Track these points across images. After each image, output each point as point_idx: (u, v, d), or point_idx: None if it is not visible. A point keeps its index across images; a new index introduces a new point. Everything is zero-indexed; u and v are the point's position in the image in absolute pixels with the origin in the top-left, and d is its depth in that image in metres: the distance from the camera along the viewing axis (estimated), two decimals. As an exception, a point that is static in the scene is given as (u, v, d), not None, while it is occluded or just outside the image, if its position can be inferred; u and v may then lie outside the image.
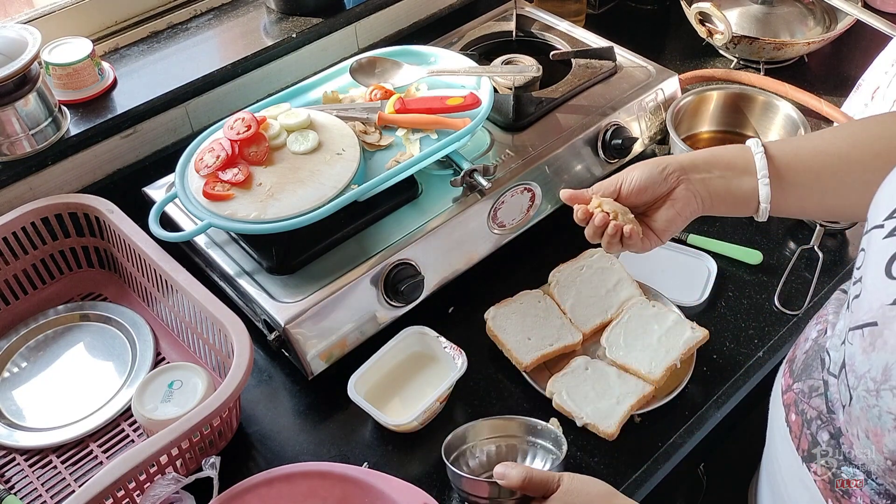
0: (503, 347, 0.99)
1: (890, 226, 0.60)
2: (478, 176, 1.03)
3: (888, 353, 0.56)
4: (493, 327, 1.01)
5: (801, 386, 0.73)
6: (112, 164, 1.17)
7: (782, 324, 1.04)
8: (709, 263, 1.11)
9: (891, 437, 0.57)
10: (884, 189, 0.65)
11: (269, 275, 0.98)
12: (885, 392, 0.56)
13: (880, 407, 0.57)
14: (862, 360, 0.59)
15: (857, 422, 0.61)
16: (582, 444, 0.92)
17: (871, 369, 0.58)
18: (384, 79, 1.14)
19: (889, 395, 0.56)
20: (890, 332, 0.56)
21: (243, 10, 1.34)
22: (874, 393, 0.58)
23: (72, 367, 1.03)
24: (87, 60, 1.14)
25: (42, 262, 1.10)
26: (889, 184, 0.64)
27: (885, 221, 0.61)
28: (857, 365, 0.60)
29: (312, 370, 0.97)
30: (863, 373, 0.59)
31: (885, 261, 0.59)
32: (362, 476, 0.85)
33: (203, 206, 0.95)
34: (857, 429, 0.62)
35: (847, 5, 1.38)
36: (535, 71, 1.17)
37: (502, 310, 1.02)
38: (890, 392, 0.56)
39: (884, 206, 0.63)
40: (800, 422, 0.72)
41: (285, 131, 1.01)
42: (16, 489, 0.91)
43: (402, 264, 0.99)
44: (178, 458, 0.86)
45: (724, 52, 1.45)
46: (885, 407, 0.56)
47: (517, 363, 0.98)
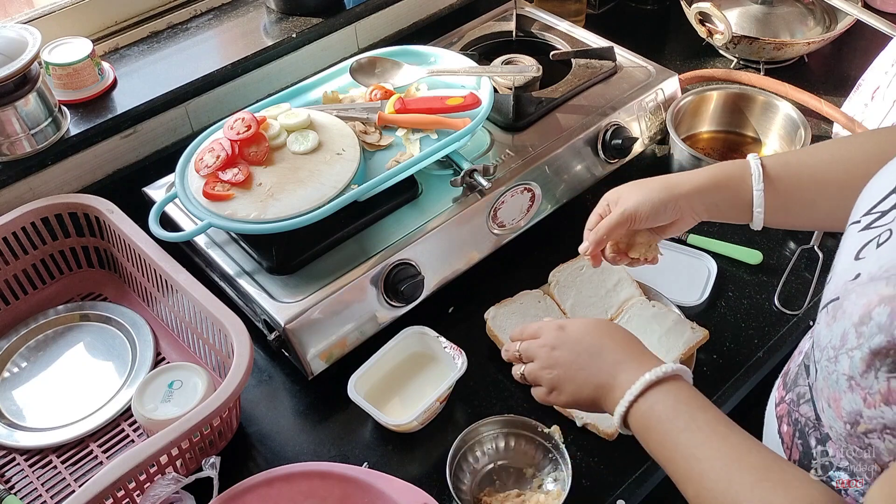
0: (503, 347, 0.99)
1: (866, 221, 0.64)
2: (478, 176, 1.03)
3: (845, 320, 0.59)
4: (493, 327, 1.01)
5: (792, 395, 0.75)
6: (112, 164, 1.17)
7: (782, 324, 1.04)
8: (709, 263, 1.11)
9: (846, 398, 0.60)
10: (863, 193, 0.68)
11: (269, 275, 0.98)
12: (842, 356, 0.59)
13: (837, 371, 0.60)
14: (825, 333, 0.62)
15: (821, 393, 0.65)
16: (582, 444, 0.92)
17: (831, 339, 0.61)
18: (384, 79, 1.14)
19: (845, 358, 0.59)
20: (848, 301, 0.59)
21: (243, 10, 1.34)
22: (833, 360, 0.61)
23: (72, 367, 1.03)
24: (87, 60, 1.14)
25: (42, 262, 1.10)
26: (868, 189, 0.67)
27: (862, 217, 0.65)
28: (821, 339, 0.63)
29: (312, 370, 0.97)
30: (825, 344, 0.62)
31: (857, 249, 0.63)
32: (362, 476, 0.85)
33: (203, 206, 0.95)
34: (822, 401, 0.65)
35: (847, 5, 1.38)
36: (535, 71, 1.17)
37: (502, 310, 1.02)
38: (846, 354, 0.59)
39: (862, 205, 0.66)
40: (791, 432, 0.73)
41: (285, 131, 1.01)
42: (16, 489, 0.91)
43: (402, 264, 0.99)
44: (178, 458, 0.86)
45: (724, 52, 1.45)
46: (841, 370, 0.60)
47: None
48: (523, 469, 0.91)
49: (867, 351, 0.56)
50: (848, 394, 0.60)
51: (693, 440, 0.68)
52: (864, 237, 0.63)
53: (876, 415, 0.58)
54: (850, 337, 0.58)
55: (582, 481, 0.88)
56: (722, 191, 0.85)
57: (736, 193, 0.84)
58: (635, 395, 0.72)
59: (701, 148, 1.29)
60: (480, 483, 0.90)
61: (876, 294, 0.56)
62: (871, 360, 0.56)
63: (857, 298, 0.58)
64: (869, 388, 0.57)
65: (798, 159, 0.85)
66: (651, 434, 0.72)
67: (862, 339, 0.57)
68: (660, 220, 0.87)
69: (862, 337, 0.57)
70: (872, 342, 0.55)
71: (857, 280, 0.60)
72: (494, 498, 0.87)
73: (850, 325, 0.58)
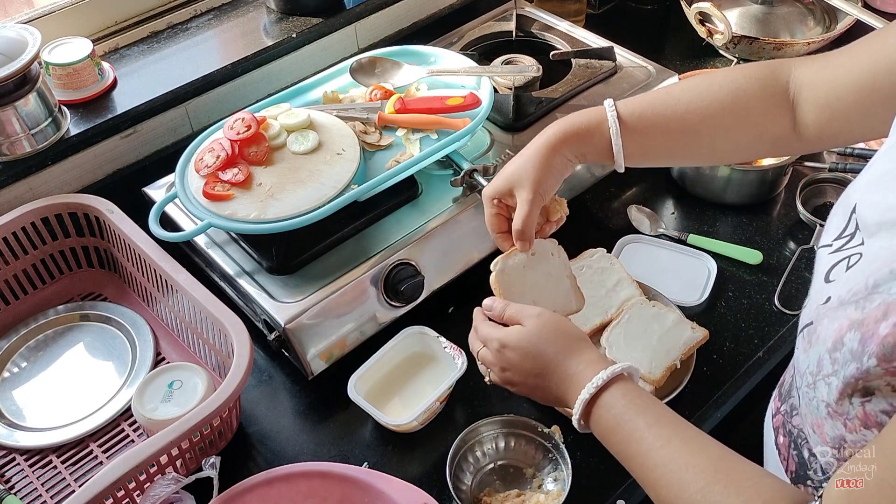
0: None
1: (836, 245, 0.64)
2: (478, 176, 1.03)
3: (820, 346, 0.59)
4: (498, 282, 0.87)
5: (786, 406, 0.75)
6: (112, 164, 1.17)
7: (782, 324, 1.04)
8: (709, 263, 1.11)
9: (828, 424, 0.60)
10: (832, 217, 0.68)
11: (269, 275, 0.98)
12: (819, 383, 0.60)
13: (817, 398, 0.61)
14: (803, 359, 0.63)
15: (805, 419, 0.65)
16: (582, 444, 0.92)
17: (809, 365, 0.61)
18: (384, 79, 1.14)
19: (823, 385, 0.59)
20: (821, 326, 0.60)
21: (243, 10, 1.34)
22: (812, 386, 0.61)
23: (72, 367, 1.03)
24: (87, 60, 1.14)
25: (42, 262, 1.10)
26: (835, 213, 0.68)
27: (833, 241, 0.65)
28: (800, 364, 0.64)
29: (312, 370, 0.97)
30: (804, 370, 0.63)
31: (826, 270, 0.63)
32: (362, 476, 0.85)
33: (203, 206, 0.95)
34: (807, 425, 0.65)
35: (847, 5, 1.38)
36: (535, 71, 1.17)
37: (512, 262, 0.89)
38: (823, 381, 0.59)
39: (832, 231, 0.67)
40: (786, 443, 0.73)
41: (285, 131, 1.01)
42: (16, 489, 0.91)
43: (402, 264, 0.99)
44: (178, 458, 0.86)
45: (724, 52, 1.45)
46: (820, 396, 0.60)
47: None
48: (523, 469, 0.91)
49: (841, 379, 0.56)
50: (829, 420, 0.60)
51: (641, 449, 0.67)
52: (833, 259, 0.63)
53: (858, 438, 0.58)
54: (825, 363, 0.59)
55: (582, 481, 0.88)
56: (586, 141, 0.86)
57: (599, 143, 0.85)
58: (579, 414, 0.73)
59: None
60: (480, 483, 0.90)
61: (846, 318, 0.56)
62: (844, 388, 0.56)
63: (829, 323, 0.59)
64: (846, 413, 0.57)
65: (653, 110, 0.85)
66: (608, 443, 0.72)
67: (837, 366, 0.57)
68: (556, 183, 0.87)
69: (836, 363, 0.57)
70: (847, 370, 0.56)
71: (828, 304, 0.60)
72: (494, 498, 0.87)
73: (825, 350, 0.58)
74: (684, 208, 1.20)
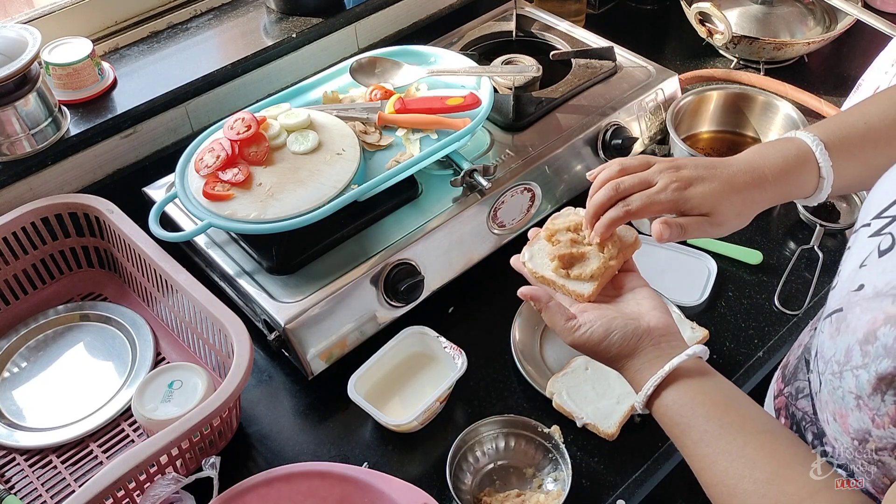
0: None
1: (877, 225, 0.62)
2: (478, 176, 1.03)
3: (849, 335, 0.58)
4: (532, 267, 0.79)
5: (790, 389, 0.74)
6: (112, 164, 1.17)
7: (782, 324, 1.04)
8: (709, 263, 1.11)
9: (854, 416, 0.58)
10: (876, 190, 0.66)
11: (269, 275, 0.98)
12: (847, 373, 0.58)
13: (843, 388, 0.59)
14: (829, 346, 0.61)
15: (826, 406, 0.63)
16: (582, 444, 0.92)
17: (836, 353, 0.59)
18: (384, 79, 1.14)
19: (850, 376, 0.57)
20: (852, 315, 0.58)
21: (243, 10, 1.34)
22: (838, 375, 0.59)
23: (72, 367, 1.03)
24: (87, 60, 1.14)
25: (42, 262, 1.10)
26: (880, 186, 0.65)
27: (872, 220, 0.63)
28: (825, 350, 0.62)
29: (312, 370, 0.97)
30: (829, 357, 0.61)
31: (864, 256, 0.61)
32: (362, 476, 0.85)
33: (203, 206, 0.95)
34: (827, 413, 0.63)
35: (847, 5, 1.38)
36: (535, 71, 1.17)
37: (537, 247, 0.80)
38: (851, 372, 0.57)
39: (874, 206, 0.64)
40: (788, 425, 0.73)
41: (285, 131, 1.01)
42: (16, 489, 0.91)
43: (402, 264, 0.99)
44: (178, 458, 0.86)
45: (724, 52, 1.45)
46: (847, 387, 0.58)
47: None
48: (523, 469, 0.91)
49: (874, 374, 0.54)
50: (855, 412, 0.58)
51: (704, 451, 0.65)
52: (871, 244, 0.61)
53: (885, 435, 0.56)
54: (854, 354, 0.57)
55: (582, 481, 0.88)
56: (790, 178, 0.76)
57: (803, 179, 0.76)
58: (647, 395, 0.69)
59: (701, 148, 1.29)
60: (480, 483, 0.90)
61: (882, 312, 0.54)
62: (878, 384, 0.54)
63: (861, 313, 0.57)
64: (877, 409, 0.56)
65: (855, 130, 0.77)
66: (669, 432, 0.69)
67: (868, 359, 0.55)
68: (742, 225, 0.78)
69: (868, 356, 0.55)
70: (880, 366, 0.54)
71: (861, 292, 0.58)
72: (494, 498, 0.88)
73: (855, 341, 0.57)
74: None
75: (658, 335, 0.71)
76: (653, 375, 0.68)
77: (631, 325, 0.71)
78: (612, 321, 0.71)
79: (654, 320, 0.71)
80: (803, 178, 0.76)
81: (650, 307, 0.73)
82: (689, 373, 0.68)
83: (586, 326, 0.72)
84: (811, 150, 0.75)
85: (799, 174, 0.75)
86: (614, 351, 0.71)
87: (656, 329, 0.71)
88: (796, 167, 0.75)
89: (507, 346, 1.01)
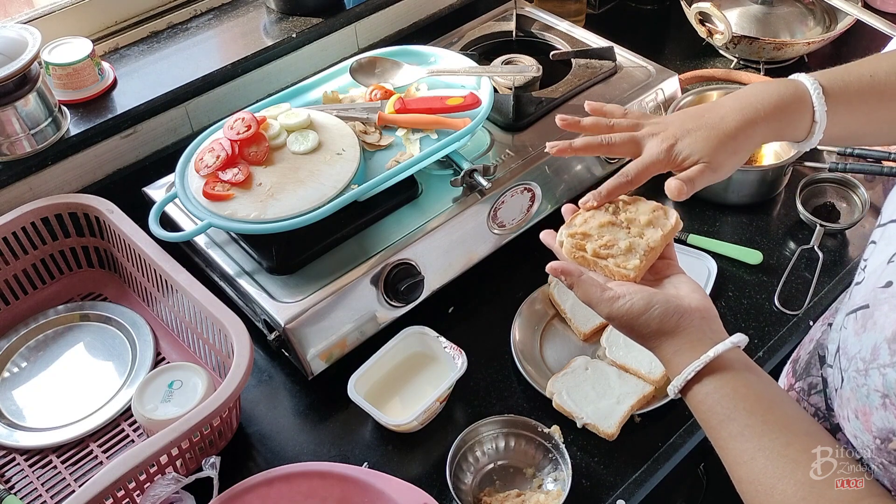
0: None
1: None
2: (478, 176, 1.03)
3: (877, 333, 0.57)
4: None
5: (802, 384, 0.73)
6: (112, 164, 1.17)
7: (782, 324, 1.04)
8: (709, 263, 1.11)
9: (878, 414, 0.57)
10: None
11: (269, 275, 0.98)
12: (873, 371, 0.57)
13: (868, 386, 0.58)
14: (854, 342, 0.60)
15: (848, 403, 0.62)
16: (582, 444, 0.92)
17: (861, 350, 0.59)
18: (384, 79, 1.14)
19: (877, 374, 0.56)
20: (879, 312, 0.57)
21: (243, 10, 1.34)
22: (863, 372, 0.58)
23: (72, 367, 1.03)
24: (87, 60, 1.14)
25: (42, 262, 1.10)
26: None
27: None
28: (849, 347, 0.61)
29: (312, 370, 0.97)
30: (854, 354, 0.60)
31: (893, 251, 0.60)
32: (362, 476, 0.85)
33: (203, 206, 0.95)
34: (848, 410, 0.62)
35: (847, 5, 1.38)
36: (535, 71, 1.17)
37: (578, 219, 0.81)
38: (878, 370, 0.56)
39: None
40: None
41: (285, 131, 1.01)
42: (16, 489, 0.91)
43: (402, 264, 0.99)
44: (178, 458, 0.86)
45: (724, 52, 1.45)
46: (873, 385, 0.57)
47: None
48: (523, 469, 0.91)
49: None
50: (880, 410, 0.57)
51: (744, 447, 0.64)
52: None
53: None
54: (882, 352, 0.56)
55: (582, 481, 0.88)
56: (782, 118, 0.77)
57: (797, 119, 0.77)
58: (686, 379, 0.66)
59: (701, 148, 1.29)
60: (480, 483, 0.90)
61: None
62: None
63: (889, 311, 0.56)
64: None
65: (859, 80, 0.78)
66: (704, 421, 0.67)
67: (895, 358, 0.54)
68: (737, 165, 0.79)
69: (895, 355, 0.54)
70: None
71: (890, 289, 0.57)
72: (494, 498, 0.88)
73: (883, 339, 0.56)
74: (684, 208, 1.20)
75: (699, 317, 0.68)
76: (694, 360, 0.65)
77: (673, 302, 0.68)
78: (653, 295, 0.69)
79: (696, 302, 0.69)
80: (796, 119, 0.76)
81: (689, 290, 0.71)
82: (733, 363, 0.66)
83: (627, 297, 0.69)
84: (808, 93, 0.76)
85: (792, 113, 0.76)
86: (654, 326, 0.68)
87: (697, 311, 0.69)
88: (791, 105, 0.76)
89: (507, 346, 1.01)
